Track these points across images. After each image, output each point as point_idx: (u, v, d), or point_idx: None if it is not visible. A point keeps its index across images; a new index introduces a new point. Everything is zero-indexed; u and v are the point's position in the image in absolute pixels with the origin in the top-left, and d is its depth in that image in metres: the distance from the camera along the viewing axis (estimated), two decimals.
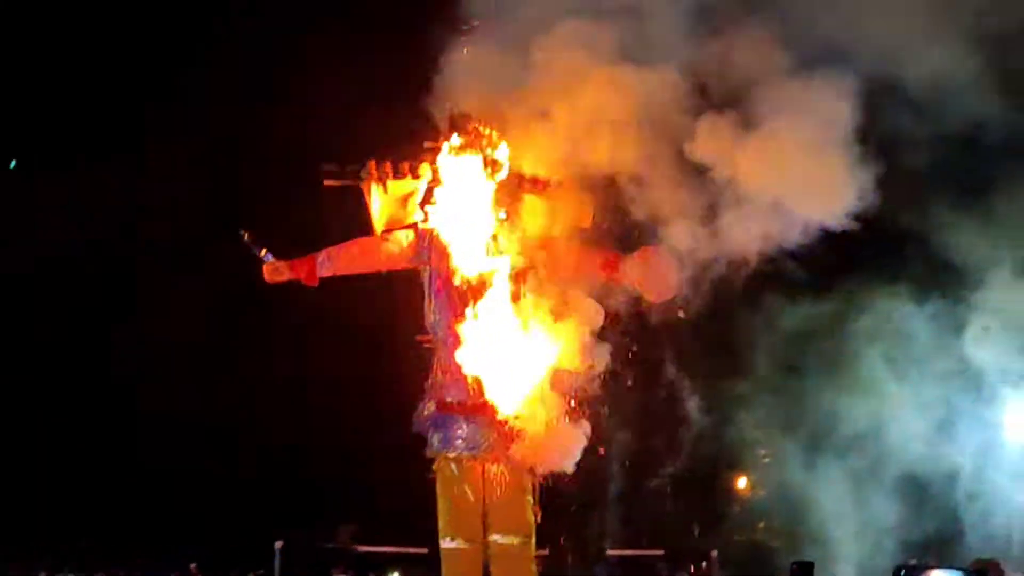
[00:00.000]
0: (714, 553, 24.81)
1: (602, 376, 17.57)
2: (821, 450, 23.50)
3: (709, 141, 17.15)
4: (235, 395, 33.88)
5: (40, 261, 33.45)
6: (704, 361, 24.69)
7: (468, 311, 17.15)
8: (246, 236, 17.85)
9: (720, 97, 17.27)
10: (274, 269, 18.16)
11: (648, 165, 17.16)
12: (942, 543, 24.07)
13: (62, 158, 33.65)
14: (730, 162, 17.06)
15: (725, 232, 17.41)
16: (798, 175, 17.04)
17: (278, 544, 21.01)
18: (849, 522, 23.34)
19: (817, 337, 23.82)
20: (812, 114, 16.96)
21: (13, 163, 34.36)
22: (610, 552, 24.78)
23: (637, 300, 17.72)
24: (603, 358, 17.30)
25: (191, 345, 33.90)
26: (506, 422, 17.21)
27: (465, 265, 17.26)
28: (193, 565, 32.54)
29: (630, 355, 18.39)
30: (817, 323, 23.68)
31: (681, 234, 17.34)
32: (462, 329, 17.16)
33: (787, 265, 18.71)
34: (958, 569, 9.89)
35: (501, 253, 17.34)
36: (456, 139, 17.56)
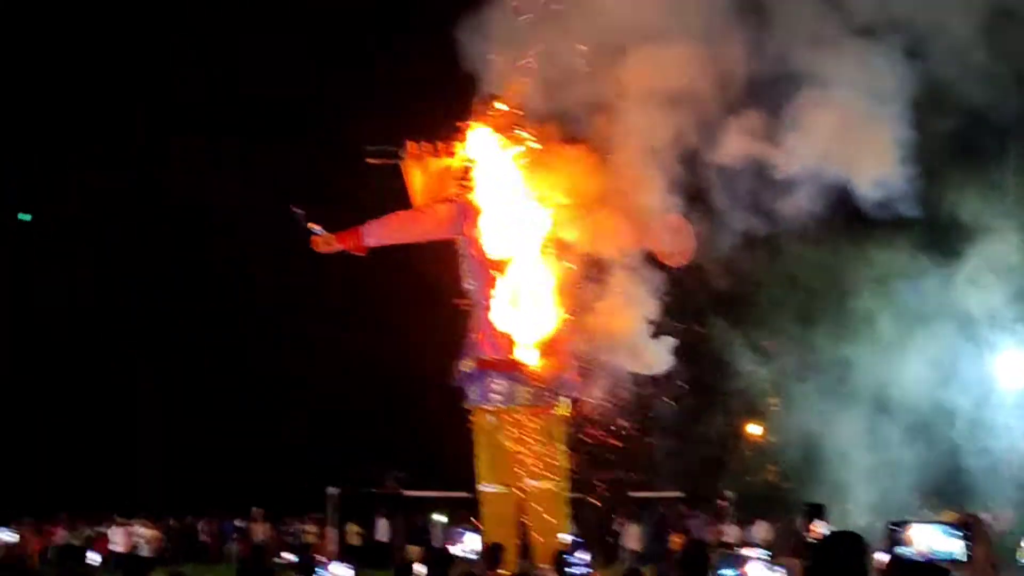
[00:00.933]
0: (729, 494, 24.87)
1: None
2: (831, 397, 23.37)
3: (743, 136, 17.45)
4: (293, 356, 34.17)
5: (126, 235, 33.81)
6: (720, 312, 24.66)
7: (500, 276, 17.57)
8: (298, 213, 18.09)
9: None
10: (324, 241, 18.42)
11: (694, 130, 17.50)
12: (947, 484, 24.04)
13: (133, 139, 33.99)
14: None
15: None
16: (849, 141, 17.24)
17: (332, 491, 21.19)
18: (859, 466, 23.20)
19: (826, 289, 23.68)
20: (865, 82, 17.14)
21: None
22: (632, 494, 24.86)
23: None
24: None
25: (255, 309, 34.25)
26: (539, 376, 17.65)
27: (496, 234, 17.55)
28: (255, 509, 32.98)
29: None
30: (826, 276, 23.53)
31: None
32: (495, 292, 17.62)
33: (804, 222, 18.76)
34: (941, 523, 9.94)
35: (531, 223, 17.61)
36: (487, 119, 17.89)
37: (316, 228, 18.25)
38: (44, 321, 35.63)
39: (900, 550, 8.72)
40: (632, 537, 28.62)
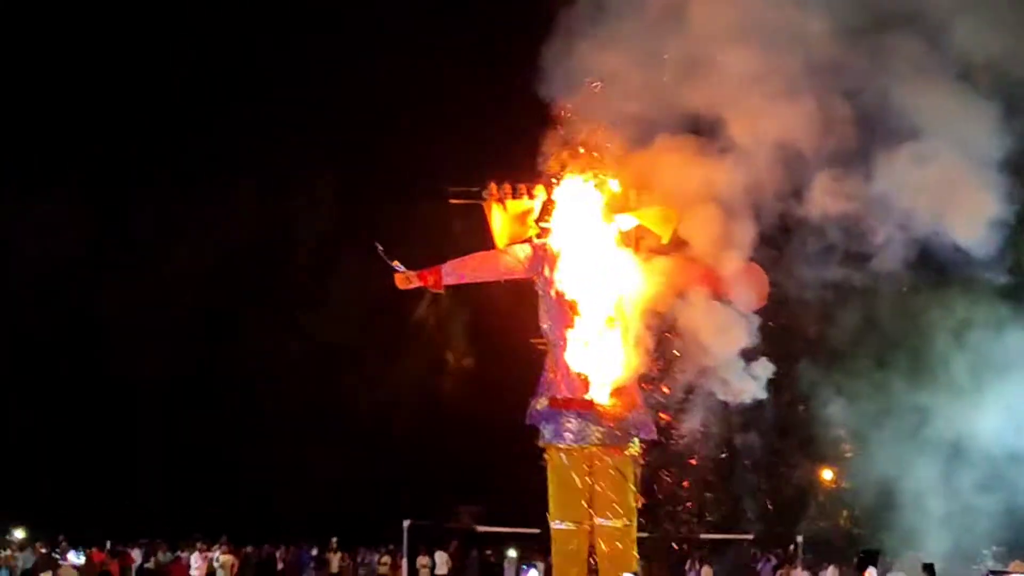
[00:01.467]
0: (799, 538, 24.81)
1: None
2: (906, 445, 23.22)
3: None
4: (376, 393, 34.53)
5: (189, 266, 34.37)
6: (799, 357, 24.64)
7: (577, 318, 17.95)
8: (381, 250, 18.52)
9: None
10: (405, 278, 18.81)
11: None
12: (1020, 535, 23.81)
13: (209, 176, 34.54)
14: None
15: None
16: (946, 193, 17.36)
17: (406, 523, 21.53)
18: (932, 513, 22.99)
19: (908, 336, 23.56)
20: (964, 135, 17.25)
21: None
22: (704, 535, 24.90)
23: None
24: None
25: (333, 346, 34.68)
26: (611, 416, 17.96)
27: (575, 277, 17.96)
28: (333, 539, 33.38)
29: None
30: (906, 322, 23.39)
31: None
32: (571, 333, 18.00)
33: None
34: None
35: (609, 265, 17.99)
36: (569, 163, 18.35)
37: (398, 265, 18.69)
38: (128, 348, 36.24)
39: None
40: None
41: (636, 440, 18.24)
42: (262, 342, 35.58)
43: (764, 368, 18.10)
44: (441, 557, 29.79)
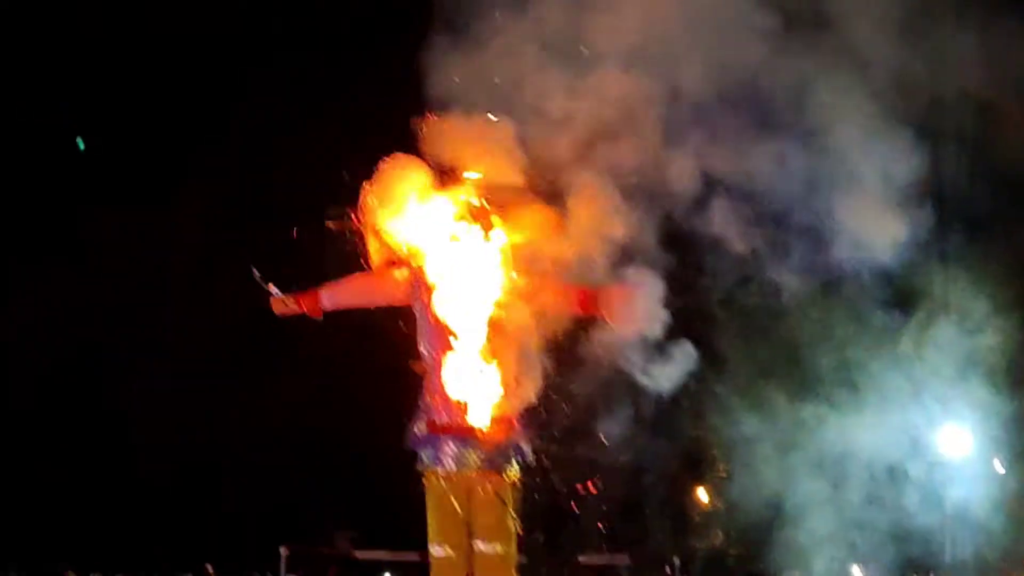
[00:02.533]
0: (676, 560, 25.00)
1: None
2: (785, 463, 23.42)
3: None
4: (248, 415, 34.25)
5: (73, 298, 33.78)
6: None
7: (453, 342, 17.81)
8: (257, 274, 18.34)
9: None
10: (282, 302, 18.66)
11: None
12: (897, 552, 24.20)
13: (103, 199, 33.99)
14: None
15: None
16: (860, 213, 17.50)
17: (283, 550, 21.34)
18: (812, 533, 23.28)
19: (789, 350, 23.77)
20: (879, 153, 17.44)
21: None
22: (581, 559, 24.99)
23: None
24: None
25: (209, 371, 34.32)
26: (488, 440, 17.92)
27: (452, 301, 17.89)
28: (208, 565, 32.96)
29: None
30: (790, 336, 23.58)
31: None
32: (449, 358, 17.83)
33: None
34: None
35: (483, 289, 17.96)
36: (443, 186, 18.29)
37: (274, 289, 18.50)
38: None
39: None
40: None
41: (516, 465, 18.18)
42: (132, 368, 35.10)
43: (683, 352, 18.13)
44: None
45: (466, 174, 18.17)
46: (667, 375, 18.09)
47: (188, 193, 33.89)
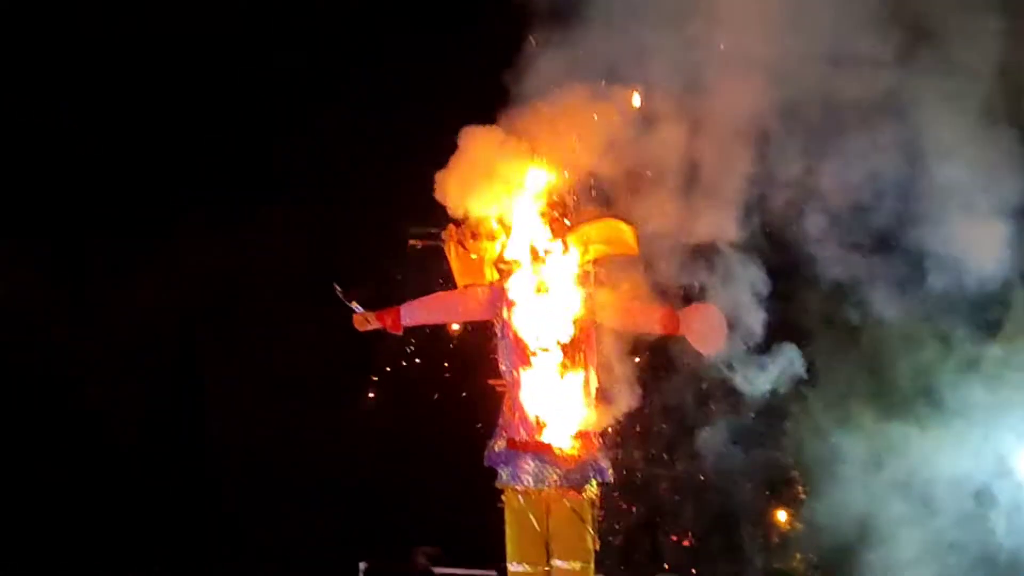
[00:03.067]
0: None
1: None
2: (869, 484, 23.16)
3: None
4: (329, 431, 34.39)
5: (147, 321, 34.13)
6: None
7: (533, 359, 17.96)
8: (339, 291, 18.55)
9: None
10: (363, 319, 18.83)
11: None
12: None
13: (163, 222, 34.37)
14: None
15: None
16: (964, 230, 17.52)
17: (363, 565, 21.50)
18: (892, 557, 23.02)
19: (878, 370, 23.49)
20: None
21: None
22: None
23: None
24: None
25: (295, 387, 34.56)
26: (569, 458, 18.01)
27: (532, 319, 18.01)
28: None
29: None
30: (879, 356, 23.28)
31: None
32: (528, 376, 17.99)
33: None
34: None
35: (566, 306, 18.07)
36: (527, 204, 18.44)
37: (356, 306, 18.71)
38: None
39: None
40: None
41: (594, 482, 18.22)
42: (219, 384, 35.41)
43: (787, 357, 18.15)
44: None
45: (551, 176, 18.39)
46: (768, 379, 18.15)
47: (271, 208, 34.20)
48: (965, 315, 21.22)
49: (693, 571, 26.23)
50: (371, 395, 17.19)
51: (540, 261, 18.10)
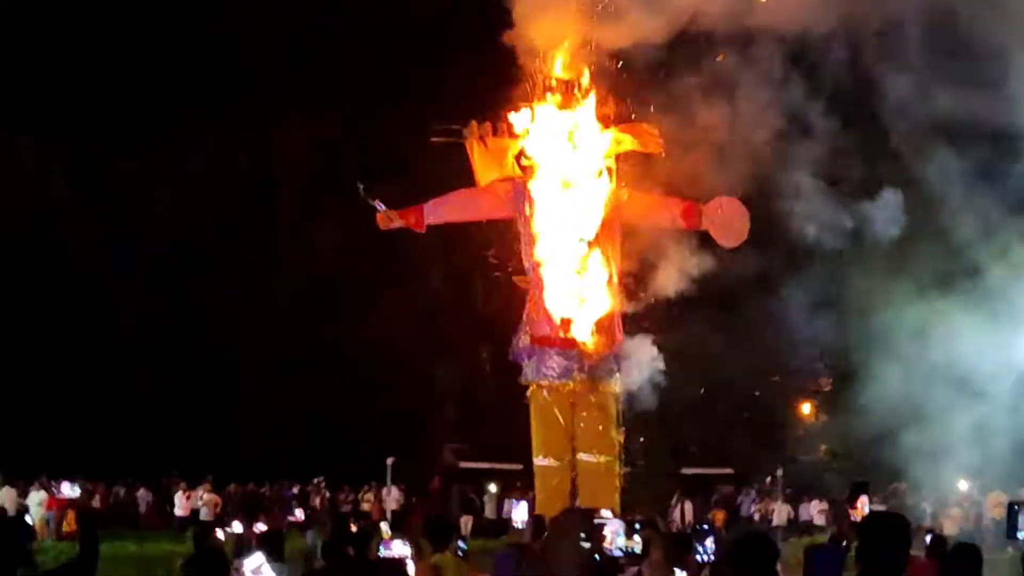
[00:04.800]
0: (779, 472, 24.98)
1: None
2: (895, 377, 22.95)
3: None
4: (355, 331, 34.62)
5: (169, 209, 34.29)
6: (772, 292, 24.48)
7: (556, 256, 18.03)
8: (362, 189, 18.53)
9: None
10: (387, 217, 18.82)
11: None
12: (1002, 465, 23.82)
13: (188, 117, 34.44)
14: None
15: None
16: None
17: (389, 460, 21.66)
18: (916, 446, 22.93)
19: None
20: None
21: None
22: (684, 471, 24.98)
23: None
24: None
25: (318, 285, 34.81)
26: (593, 353, 18.10)
27: (555, 214, 18.02)
28: (317, 479, 33.64)
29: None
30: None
31: None
32: (551, 272, 18.07)
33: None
34: None
35: (589, 202, 18.06)
36: (548, 99, 18.39)
37: (379, 204, 18.70)
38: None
39: None
40: (682, 513, 28.74)
41: (618, 376, 18.40)
42: (247, 282, 35.65)
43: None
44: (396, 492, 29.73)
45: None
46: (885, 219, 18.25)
47: (295, 112, 34.22)
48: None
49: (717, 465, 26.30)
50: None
51: (563, 156, 18.13)
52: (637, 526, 6.22)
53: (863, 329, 22.42)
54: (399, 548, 8.93)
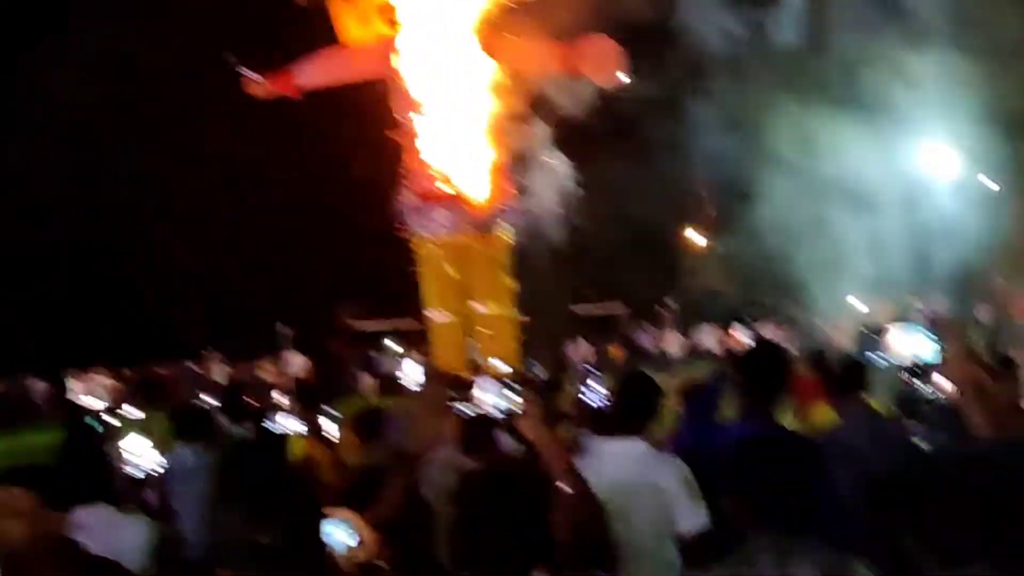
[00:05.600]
0: (671, 303, 25.27)
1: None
2: (777, 193, 23.06)
3: None
4: (243, 199, 34.21)
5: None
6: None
7: (435, 110, 17.84)
8: (230, 58, 18.21)
9: None
10: (258, 85, 18.61)
11: None
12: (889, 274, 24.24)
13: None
14: None
15: None
16: None
17: (281, 327, 21.57)
18: (807, 263, 23.15)
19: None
20: None
21: None
22: (575, 309, 25.17)
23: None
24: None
25: (202, 152, 34.19)
26: (479, 204, 18.05)
27: (430, 69, 17.79)
28: (211, 350, 33.41)
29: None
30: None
31: None
32: (426, 124, 17.92)
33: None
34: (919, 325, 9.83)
35: (464, 54, 17.84)
36: None
37: (249, 72, 18.40)
38: None
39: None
40: (578, 353, 29.11)
41: (507, 227, 18.40)
42: (136, 157, 34.94)
43: None
44: (298, 359, 29.74)
45: None
46: None
47: None
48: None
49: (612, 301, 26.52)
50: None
51: (430, 6, 17.83)
52: (513, 383, 6.21)
53: (754, 147, 22.45)
54: (285, 422, 8.82)
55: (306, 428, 8.68)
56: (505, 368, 13.18)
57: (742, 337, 17.32)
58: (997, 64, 20.68)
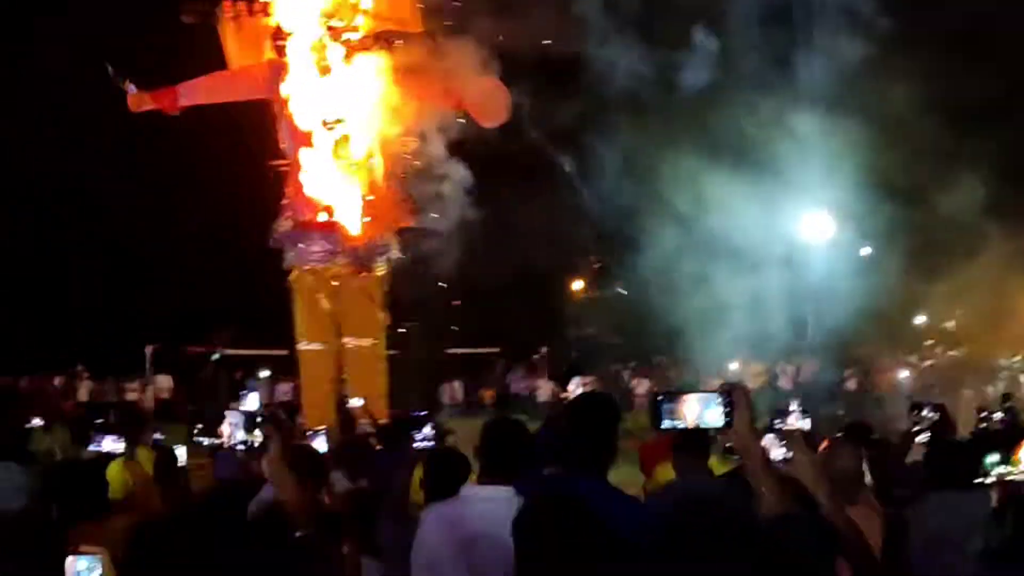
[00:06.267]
0: (544, 349, 25.29)
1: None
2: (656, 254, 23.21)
3: None
4: (115, 215, 33.77)
5: None
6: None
7: (315, 138, 17.76)
8: (112, 72, 18.00)
9: None
10: (138, 99, 18.39)
11: None
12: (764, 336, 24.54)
13: None
14: None
15: None
16: None
17: (149, 349, 21.28)
18: (687, 319, 23.33)
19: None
20: None
21: None
22: (450, 351, 25.11)
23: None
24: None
25: (69, 173, 33.70)
26: (356, 237, 17.98)
27: (313, 97, 17.72)
28: (79, 367, 32.82)
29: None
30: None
31: None
32: (311, 155, 17.84)
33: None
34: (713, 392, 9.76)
35: (348, 83, 17.81)
36: None
37: (130, 86, 18.21)
38: None
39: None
40: (449, 393, 29.11)
41: (385, 259, 18.34)
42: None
43: None
44: (164, 381, 29.40)
45: None
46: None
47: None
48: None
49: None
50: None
51: (319, 36, 17.80)
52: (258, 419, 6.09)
53: (646, 193, 22.57)
54: (109, 444, 8.68)
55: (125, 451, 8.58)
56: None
57: (577, 389, 17.30)
58: (881, 132, 21.13)
